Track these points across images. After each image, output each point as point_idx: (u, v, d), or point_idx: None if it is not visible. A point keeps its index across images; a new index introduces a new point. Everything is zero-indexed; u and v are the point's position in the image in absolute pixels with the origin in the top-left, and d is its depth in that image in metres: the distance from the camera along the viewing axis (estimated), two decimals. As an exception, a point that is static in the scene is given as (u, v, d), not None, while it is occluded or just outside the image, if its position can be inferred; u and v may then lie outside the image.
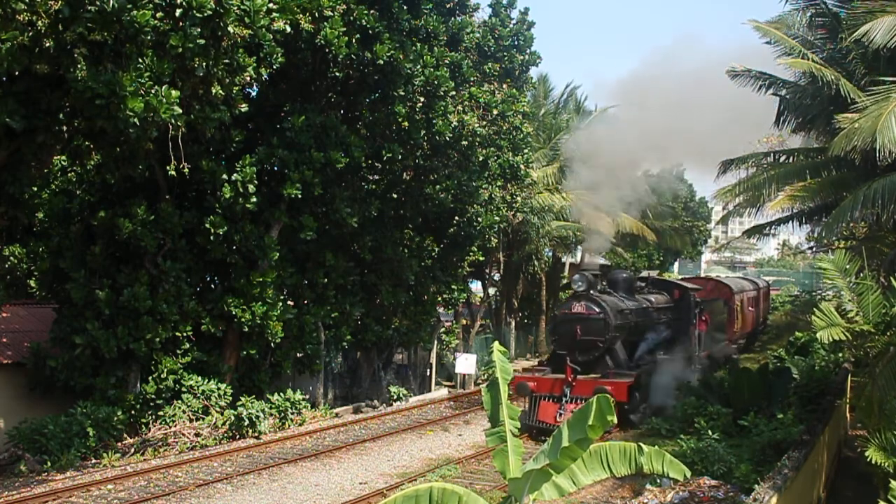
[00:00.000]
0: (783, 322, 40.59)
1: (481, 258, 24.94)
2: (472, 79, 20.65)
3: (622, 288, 19.98)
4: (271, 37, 14.30)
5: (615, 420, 5.79)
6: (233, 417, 16.76)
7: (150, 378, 16.64)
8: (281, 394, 18.34)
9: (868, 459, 9.13)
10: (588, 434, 5.61)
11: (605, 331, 18.04)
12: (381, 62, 16.94)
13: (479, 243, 23.49)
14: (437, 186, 21.14)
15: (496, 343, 7.81)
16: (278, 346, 18.50)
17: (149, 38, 11.69)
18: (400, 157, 19.36)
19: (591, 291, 18.54)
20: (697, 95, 22.44)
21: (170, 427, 16.33)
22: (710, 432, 15.27)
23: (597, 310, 18.11)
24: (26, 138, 12.67)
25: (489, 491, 12.74)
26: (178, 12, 11.91)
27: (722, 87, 18.15)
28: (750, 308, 32.56)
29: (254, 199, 16.29)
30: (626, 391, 17.10)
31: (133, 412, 16.36)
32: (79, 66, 11.60)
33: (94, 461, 15.08)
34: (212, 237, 16.45)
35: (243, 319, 17.01)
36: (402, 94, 18.25)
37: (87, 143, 13.70)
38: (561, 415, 17.16)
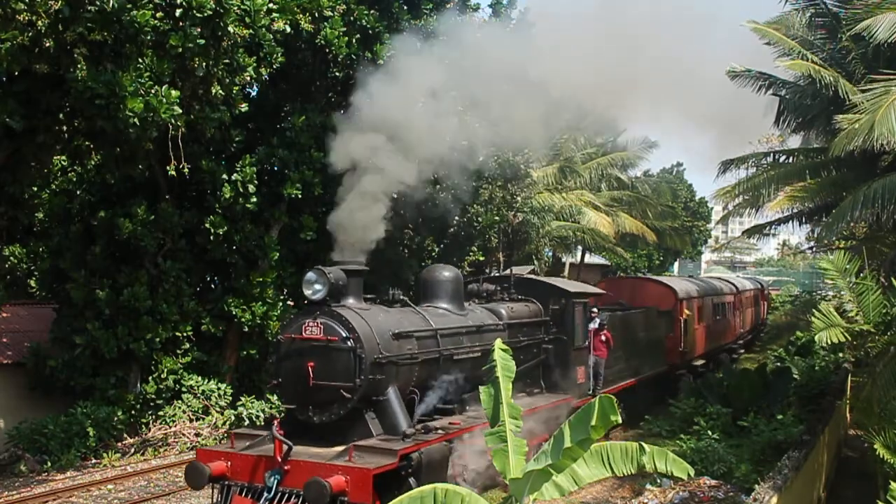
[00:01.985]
0: (783, 322, 40.56)
1: (481, 258, 24.95)
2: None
3: (445, 293, 12.41)
4: (271, 37, 14.30)
5: (619, 420, 5.74)
6: (233, 417, 16.75)
7: (150, 378, 16.64)
8: (281, 394, 18.31)
9: (876, 454, 9.12)
10: (590, 434, 5.61)
11: (355, 370, 9.86)
12: (382, 62, 16.93)
13: (479, 243, 23.49)
14: (437, 186, 21.13)
15: (498, 341, 7.79)
16: (278, 346, 18.46)
17: (149, 38, 11.70)
18: (400, 156, 19.35)
19: (351, 300, 10.45)
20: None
21: (170, 427, 16.34)
22: (709, 432, 15.28)
23: (343, 333, 9.92)
24: (26, 138, 12.68)
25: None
26: (178, 12, 11.91)
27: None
28: (718, 317, 25.71)
29: (254, 199, 16.30)
30: (370, 486, 8.72)
31: (133, 412, 16.36)
32: (79, 66, 11.61)
33: (94, 461, 15.09)
34: (212, 237, 16.46)
35: (243, 319, 17.01)
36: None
37: (87, 143, 13.71)
38: None
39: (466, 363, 11.83)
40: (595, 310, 15.72)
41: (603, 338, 15.54)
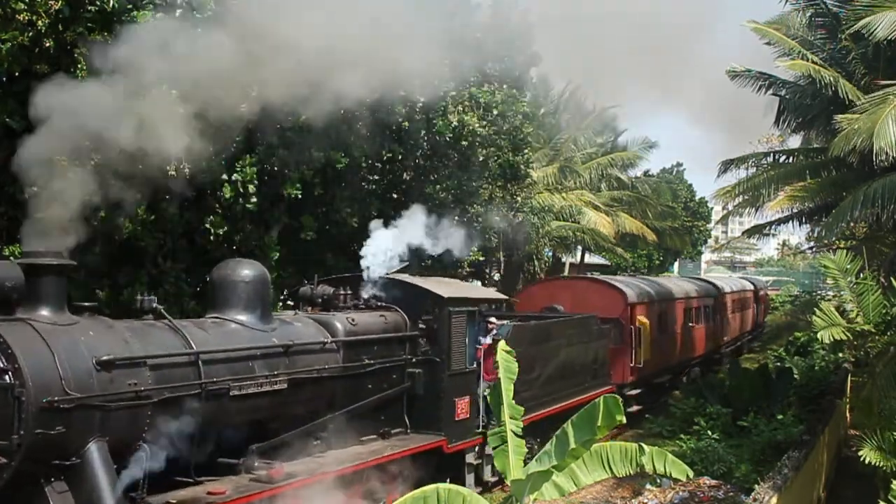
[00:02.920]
0: (783, 322, 40.57)
1: (481, 258, 24.94)
2: (472, 79, 20.66)
3: (240, 299, 9.11)
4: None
5: (624, 419, 5.76)
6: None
7: (150, 378, 16.61)
8: (281, 394, 18.30)
9: (864, 460, 9.15)
10: (596, 434, 5.59)
11: (13, 420, 6.47)
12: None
13: (479, 243, 23.50)
14: (437, 186, 21.15)
15: (502, 342, 7.75)
16: (278, 346, 18.46)
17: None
18: (400, 157, 19.37)
19: (44, 311, 7.35)
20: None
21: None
22: (709, 432, 15.27)
23: None
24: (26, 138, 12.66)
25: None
26: (177, 12, 11.92)
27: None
28: (691, 324, 22.57)
29: (254, 200, 16.31)
30: None
31: (133, 412, 16.32)
32: (79, 66, 11.61)
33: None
34: (212, 237, 16.46)
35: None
36: (402, 94, 18.26)
37: (86, 142, 13.70)
38: None
39: (261, 400, 8.53)
40: (493, 320, 12.56)
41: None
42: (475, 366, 11.81)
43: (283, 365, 8.93)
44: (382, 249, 12.40)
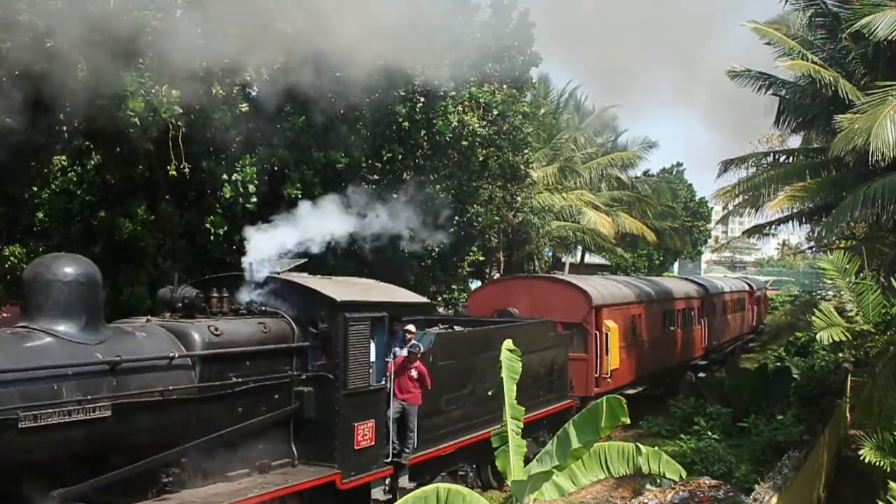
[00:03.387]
0: (783, 322, 40.57)
1: (481, 258, 24.95)
2: (472, 79, 20.66)
3: (59, 305, 7.33)
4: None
5: (627, 420, 5.76)
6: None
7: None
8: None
9: (863, 459, 9.16)
10: (598, 434, 5.59)
11: None
12: (382, 62, 16.95)
13: (479, 243, 23.50)
14: (437, 186, 21.15)
15: (508, 341, 7.70)
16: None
17: (149, 38, 11.72)
18: (400, 157, 19.37)
19: None
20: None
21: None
22: (709, 432, 15.27)
23: None
24: (26, 138, 12.68)
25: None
26: (178, 13, 11.93)
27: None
28: (672, 328, 21.12)
29: (254, 200, 16.31)
30: None
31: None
32: (79, 65, 11.62)
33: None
34: (212, 237, 16.46)
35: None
36: (402, 94, 18.25)
37: (87, 143, 13.72)
38: None
39: (74, 432, 6.77)
40: (411, 328, 10.48)
41: (414, 373, 10.14)
42: (383, 383, 9.93)
43: (106, 387, 7.04)
44: (275, 242, 10.70)
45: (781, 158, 19.09)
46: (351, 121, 19.16)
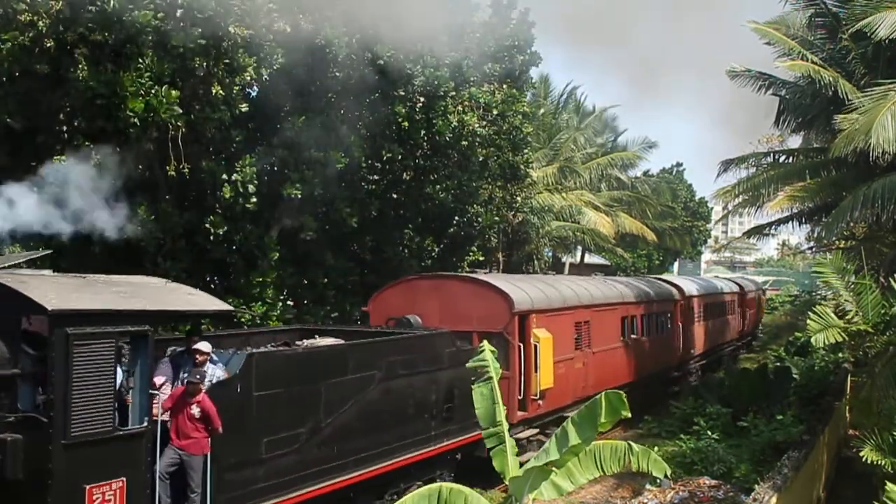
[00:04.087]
0: (783, 322, 40.58)
1: (481, 258, 24.95)
2: (472, 79, 20.67)
3: None
4: (272, 37, 14.32)
5: (628, 414, 5.77)
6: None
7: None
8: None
9: (863, 459, 9.16)
10: (598, 430, 5.61)
11: None
12: (382, 62, 16.96)
13: (479, 243, 23.51)
14: (437, 186, 21.16)
15: (485, 342, 7.78)
16: (278, 346, 18.47)
17: (149, 38, 11.73)
18: (400, 157, 19.38)
19: None
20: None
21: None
22: (709, 432, 15.28)
23: None
24: (26, 138, 12.70)
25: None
26: (178, 12, 11.94)
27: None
28: (633, 336, 18.34)
29: (254, 200, 16.32)
30: None
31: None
32: (79, 66, 11.63)
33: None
34: (212, 237, 16.46)
35: (243, 320, 17.00)
36: (402, 94, 18.26)
37: (87, 143, 13.73)
38: None
39: None
40: (202, 347, 8.23)
41: (195, 411, 7.57)
42: (145, 425, 7.26)
43: None
44: None
45: (781, 158, 19.10)
46: (351, 121, 19.19)
